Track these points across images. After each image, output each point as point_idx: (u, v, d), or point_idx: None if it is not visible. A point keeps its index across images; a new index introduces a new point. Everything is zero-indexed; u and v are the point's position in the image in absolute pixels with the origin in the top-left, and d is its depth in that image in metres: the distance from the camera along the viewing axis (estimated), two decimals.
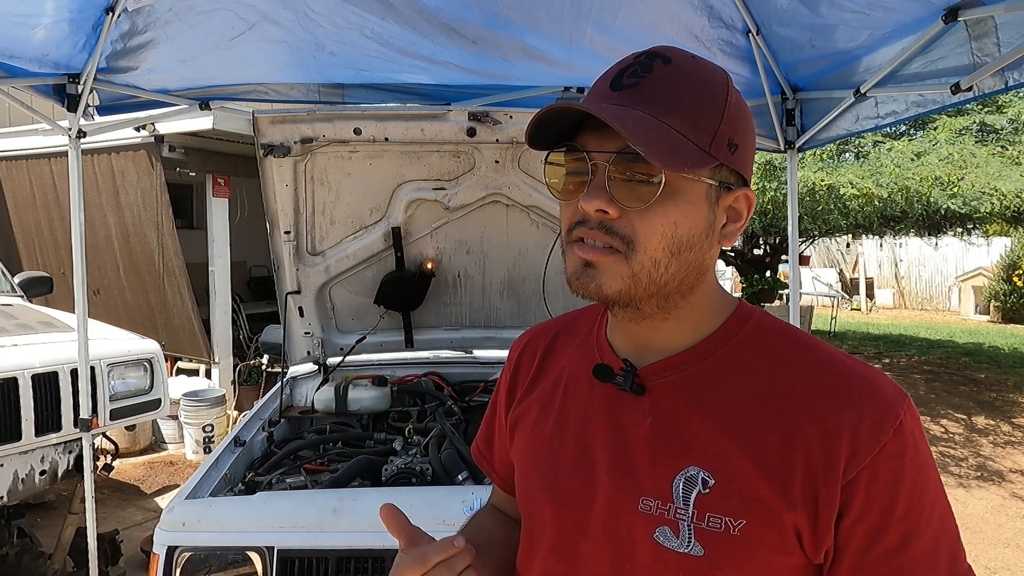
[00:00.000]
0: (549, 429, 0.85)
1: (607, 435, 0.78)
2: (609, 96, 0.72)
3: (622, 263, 0.72)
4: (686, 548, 0.70)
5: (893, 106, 2.36)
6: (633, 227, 0.71)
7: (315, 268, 2.68)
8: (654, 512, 0.72)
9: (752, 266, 9.32)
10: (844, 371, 0.73)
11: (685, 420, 0.74)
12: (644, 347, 0.80)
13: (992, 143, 6.76)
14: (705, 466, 0.71)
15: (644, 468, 0.75)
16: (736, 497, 0.70)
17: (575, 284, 0.75)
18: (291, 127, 2.36)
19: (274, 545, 1.62)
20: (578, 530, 0.78)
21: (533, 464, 0.86)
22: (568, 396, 0.85)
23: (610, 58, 0.86)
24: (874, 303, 17.57)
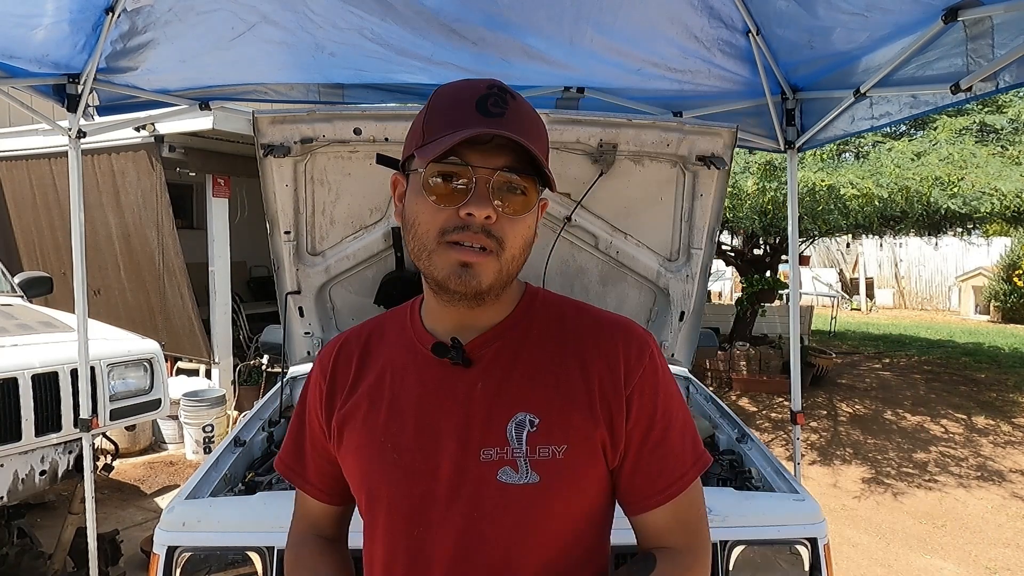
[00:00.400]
0: (383, 418, 0.94)
1: (443, 407, 0.91)
2: (482, 121, 0.84)
3: (494, 261, 0.86)
4: (526, 479, 0.87)
5: (887, 107, 2.36)
6: (504, 230, 0.86)
7: (315, 268, 2.68)
8: (495, 458, 0.88)
9: (752, 266, 9.31)
10: (610, 319, 0.98)
11: (508, 379, 0.92)
12: (464, 327, 0.94)
13: (992, 143, 6.75)
14: (530, 410, 0.89)
15: (480, 425, 0.89)
16: (557, 428, 0.89)
17: (455, 283, 0.86)
18: (291, 127, 2.36)
19: (274, 545, 1.62)
20: (428, 498, 0.89)
21: (373, 452, 0.93)
22: (397, 384, 0.95)
23: (610, 58, 0.91)
24: (874, 303, 17.56)
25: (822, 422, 7.05)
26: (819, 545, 1.70)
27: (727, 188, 2.65)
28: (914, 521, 4.72)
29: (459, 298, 0.88)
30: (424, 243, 0.87)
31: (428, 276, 0.90)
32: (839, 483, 5.42)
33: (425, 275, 0.91)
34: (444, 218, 0.85)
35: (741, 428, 2.43)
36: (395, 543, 0.92)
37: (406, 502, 0.91)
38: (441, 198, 0.85)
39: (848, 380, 8.90)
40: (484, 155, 0.84)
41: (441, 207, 0.85)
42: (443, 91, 0.91)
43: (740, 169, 6.46)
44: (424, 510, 0.90)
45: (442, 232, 0.85)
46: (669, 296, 2.78)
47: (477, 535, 0.88)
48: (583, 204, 2.62)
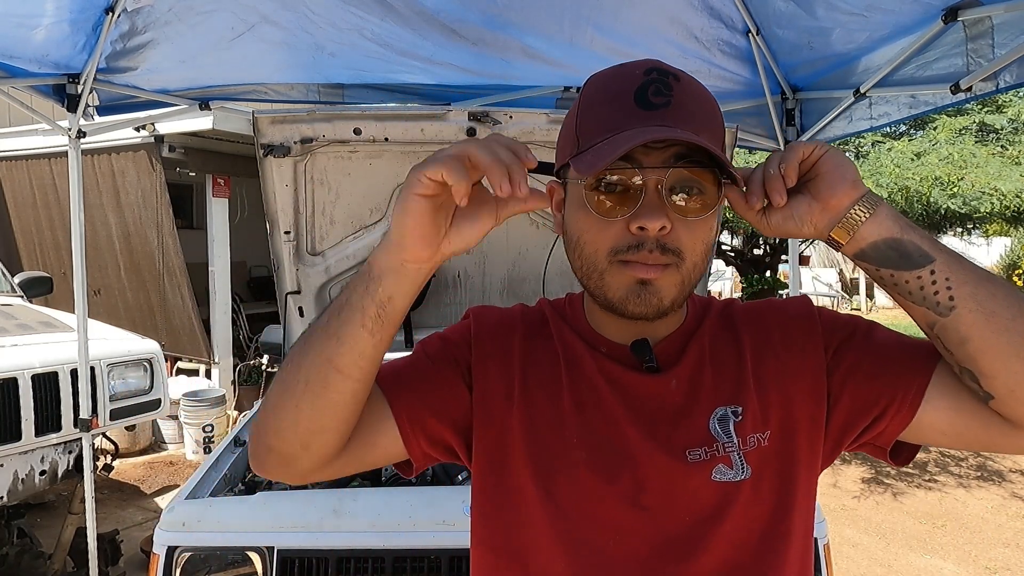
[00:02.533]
0: (565, 408, 0.82)
1: (633, 413, 0.81)
2: (644, 117, 0.73)
3: (675, 274, 0.75)
4: (742, 475, 0.79)
5: (886, 107, 2.37)
6: (681, 240, 0.74)
7: (315, 268, 2.68)
8: (704, 457, 0.79)
9: (752, 266, 9.31)
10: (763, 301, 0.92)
11: (698, 378, 0.83)
12: (639, 334, 0.84)
13: (992, 143, 6.75)
14: (728, 403, 0.81)
15: (680, 425, 0.81)
16: (758, 414, 0.81)
17: (633, 304, 0.76)
18: (291, 127, 2.36)
19: (274, 545, 1.62)
20: (630, 502, 0.79)
21: (551, 442, 0.81)
22: (575, 378, 0.84)
23: (611, 59, 0.86)
24: (874, 303, 17.57)
25: None
26: (819, 545, 1.69)
27: None
28: (914, 521, 4.72)
29: (636, 318, 0.78)
30: (593, 263, 0.77)
31: (599, 297, 0.79)
32: (839, 483, 5.42)
33: (594, 295, 0.80)
34: (614, 235, 0.75)
35: None
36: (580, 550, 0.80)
37: (606, 509, 0.79)
38: (606, 211, 0.74)
39: None
40: (652, 151, 0.73)
41: (608, 220, 0.74)
42: (594, 83, 0.81)
43: None
44: (635, 526, 0.79)
45: (613, 251, 0.75)
46: None
47: (698, 545, 0.79)
48: None
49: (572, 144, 0.79)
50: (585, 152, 0.75)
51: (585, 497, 0.80)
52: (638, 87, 0.75)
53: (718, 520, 0.79)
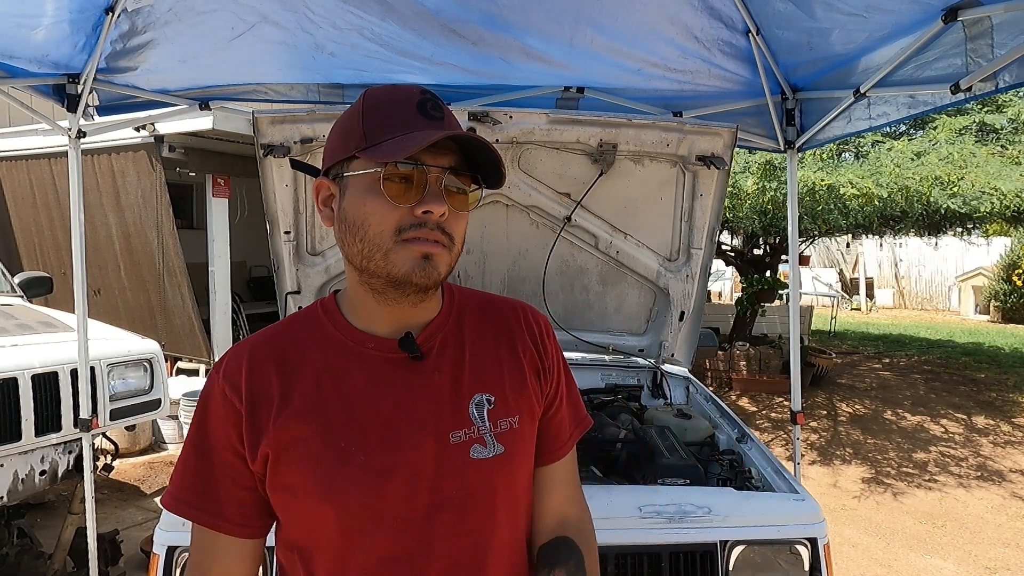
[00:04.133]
0: (337, 424, 0.91)
1: (401, 402, 0.93)
2: (427, 124, 0.89)
3: (447, 253, 0.91)
4: (493, 452, 0.95)
5: (884, 107, 2.36)
6: (453, 227, 0.91)
7: (315, 268, 2.68)
8: (464, 438, 0.94)
9: (752, 266, 9.30)
10: (516, 302, 1.10)
11: (459, 366, 0.98)
12: (403, 325, 0.96)
13: (992, 143, 6.75)
14: (484, 391, 0.97)
15: (444, 411, 0.94)
16: (510, 402, 0.98)
17: (419, 274, 0.89)
18: (291, 127, 2.36)
19: (274, 545, 1.62)
20: (411, 490, 0.91)
21: (335, 461, 0.89)
22: (342, 387, 0.93)
23: (610, 59, 0.91)
24: (874, 303, 17.56)
25: (822, 422, 7.05)
26: (819, 545, 1.70)
27: (727, 188, 2.66)
28: (914, 521, 4.72)
29: (414, 292, 0.91)
30: (377, 243, 0.88)
31: (381, 275, 0.90)
32: (839, 483, 5.42)
33: (375, 275, 0.90)
34: (399, 217, 0.88)
35: (741, 428, 2.43)
36: (381, 545, 0.90)
37: (389, 499, 0.90)
38: (397, 197, 0.87)
39: (848, 380, 8.90)
40: (434, 155, 0.88)
41: (397, 206, 0.87)
42: (376, 94, 0.93)
43: (740, 169, 6.46)
44: (412, 502, 0.91)
45: (398, 230, 0.88)
46: (669, 296, 2.79)
47: (464, 511, 0.93)
48: (583, 204, 2.62)
49: (358, 140, 0.90)
50: (379, 145, 0.88)
51: (368, 498, 0.90)
52: (418, 100, 0.91)
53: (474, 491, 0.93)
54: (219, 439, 0.93)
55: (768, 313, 9.42)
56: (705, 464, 2.23)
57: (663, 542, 1.67)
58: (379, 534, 0.90)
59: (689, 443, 2.37)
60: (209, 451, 0.94)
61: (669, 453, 2.12)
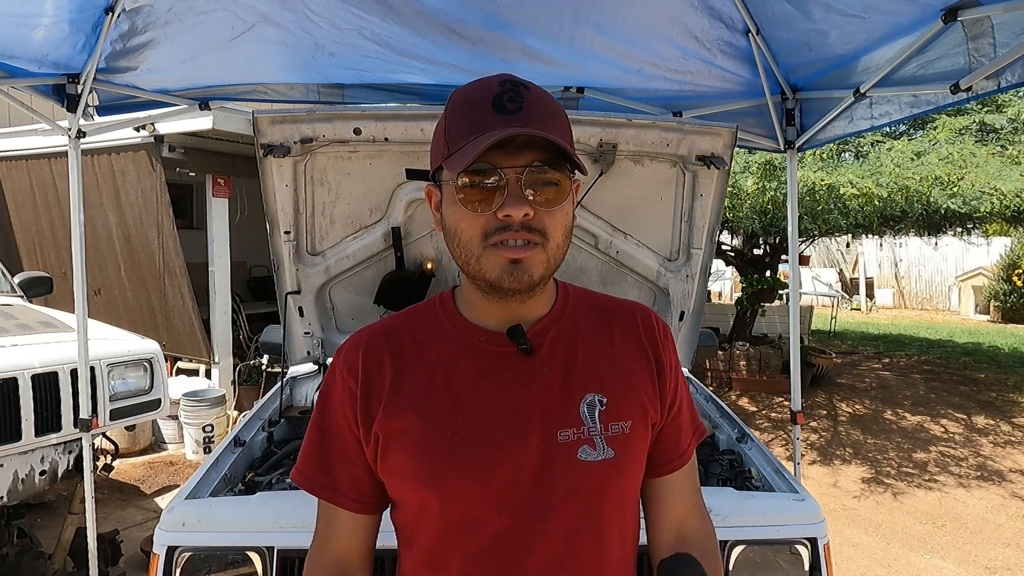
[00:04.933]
0: (445, 413, 0.93)
1: (509, 396, 0.93)
2: (501, 120, 0.86)
3: (541, 252, 0.89)
4: (603, 456, 0.93)
5: (887, 107, 2.36)
6: (544, 222, 0.88)
7: (315, 268, 2.68)
8: (572, 438, 0.92)
9: (752, 266, 9.30)
10: (635, 304, 1.08)
11: (571, 363, 0.97)
12: (514, 321, 0.96)
13: (992, 143, 6.74)
14: (597, 391, 0.95)
15: (552, 408, 0.93)
16: (623, 405, 0.96)
17: (509, 281, 0.88)
18: (291, 127, 2.36)
19: (274, 545, 1.62)
20: (514, 484, 0.91)
21: (441, 449, 0.91)
22: (452, 378, 0.95)
23: (611, 59, 0.91)
24: (874, 303, 17.56)
25: (822, 422, 7.05)
26: (819, 545, 1.70)
27: (727, 188, 2.65)
28: (914, 521, 4.72)
29: (512, 294, 0.91)
30: (470, 249, 0.89)
31: (478, 279, 0.91)
32: (839, 483, 5.42)
33: (474, 279, 0.92)
34: (484, 222, 0.87)
35: (741, 428, 2.43)
36: (481, 536, 0.91)
37: (491, 493, 0.91)
38: (476, 205, 0.87)
39: (848, 380, 8.90)
40: (510, 155, 0.86)
41: (478, 213, 0.87)
42: (457, 96, 0.93)
43: (740, 169, 6.45)
44: (513, 497, 0.91)
45: (485, 235, 0.88)
46: (669, 296, 2.78)
47: (568, 512, 0.92)
48: (583, 204, 2.62)
49: (443, 149, 0.91)
50: (455, 154, 0.88)
51: (471, 487, 0.91)
52: (494, 96, 0.88)
53: (580, 492, 0.92)
54: (337, 420, 0.98)
55: (768, 313, 9.42)
56: (705, 464, 2.23)
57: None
58: (480, 525, 0.91)
59: None
60: (328, 431, 0.99)
61: None
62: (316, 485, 1.01)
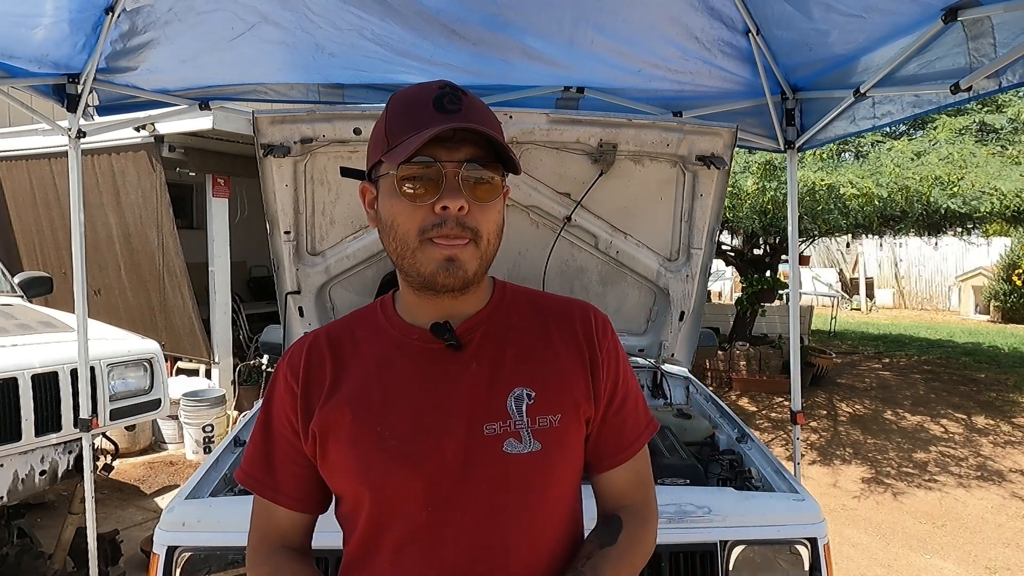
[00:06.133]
0: (376, 410, 0.96)
1: (440, 390, 0.96)
2: (442, 118, 0.89)
3: (474, 249, 0.92)
4: (529, 448, 0.94)
5: (889, 107, 2.36)
6: (477, 219, 0.91)
7: (315, 268, 2.68)
8: (498, 431, 0.94)
9: (752, 266, 9.30)
10: (575, 301, 1.08)
11: (500, 359, 0.98)
12: (447, 318, 0.98)
13: (992, 143, 6.74)
14: (525, 385, 0.97)
15: (481, 402, 0.95)
16: (552, 400, 0.97)
17: (443, 277, 0.91)
18: (291, 127, 2.36)
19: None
20: (439, 477, 0.93)
21: (371, 444, 0.94)
22: (386, 376, 0.98)
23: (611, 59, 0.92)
24: (874, 303, 17.56)
25: (822, 422, 7.05)
26: (819, 545, 1.70)
27: (727, 188, 2.66)
28: (914, 521, 4.72)
29: (446, 291, 0.93)
30: (406, 242, 0.92)
31: (413, 274, 0.94)
32: (839, 483, 5.42)
33: (408, 273, 0.95)
34: (421, 216, 0.90)
35: (741, 428, 2.43)
36: (408, 526, 0.94)
37: (417, 484, 0.93)
38: (415, 196, 0.90)
39: (848, 380, 8.90)
40: (449, 150, 0.89)
41: (416, 204, 0.90)
42: (398, 97, 0.96)
43: (740, 169, 6.45)
44: (437, 489, 0.93)
45: (421, 231, 0.90)
46: (669, 296, 2.78)
47: (492, 504, 0.94)
48: (583, 204, 2.62)
49: (382, 145, 0.94)
50: (395, 148, 0.91)
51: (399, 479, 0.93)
52: (435, 97, 0.91)
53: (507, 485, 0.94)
54: (280, 419, 1.02)
55: (768, 313, 9.42)
56: (705, 464, 2.23)
57: (663, 542, 1.66)
58: (407, 516, 0.94)
59: (689, 443, 2.37)
60: (271, 430, 1.03)
61: (669, 453, 2.12)
62: (260, 485, 1.03)
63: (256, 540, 1.05)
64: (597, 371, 1.01)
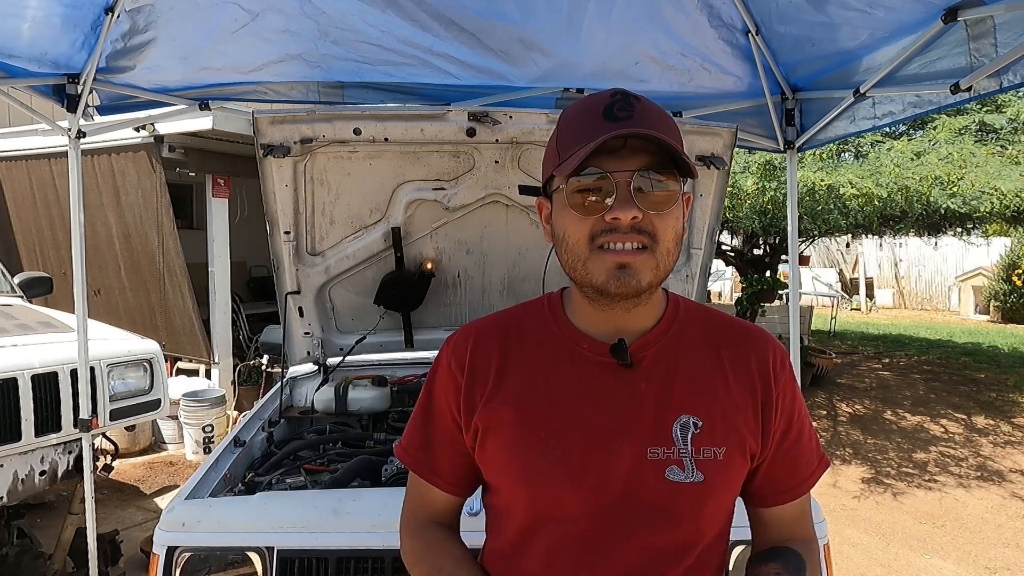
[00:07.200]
0: (543, 414, 0.95)
1: (605, 406, 0.94)
2: (611, 127, 0.87)
3: (650, 257, 0.89)
4: (691, 478, 0.92)
5: (890, 107, 2.36)
6: (653, 225, 0.88)
7: (315, 268, 2.68)
8: (662, 457, 0.93)
9: (752, 266, 9.30)
10: (752, 327, 1.05)
11: (671, 381, 0.96)
12: (619, 330, 0.97)
13: (991, 143, 6.74)
14: (692, 413, 0.94)
15: (646, 425, 0.94)
16: (718, 431, 0.94)
17: (615, 285, 0.89)
18: (291, 127, 2.36)
19: (274, 545, 1.62)
20: (600, 493, 0.93)
21: (536, 449, 0.94)
22: (553, 381, 0.97)
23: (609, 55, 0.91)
24: (874, 303, 17.56)
25: (822, 422, 7.05)
26: (819, 545, 1.69)
27: (727, 188, 2.65)
28: (914, 521, 4.72)
29: (618, 300, 0.92)
30: (577, 253, 0.91)
31: (585, 284, 0.93)
32: (839, 483, 5.42)
33: (581, 284, 0.94)
34: (591, 224, 0.89)
35: None
36: (563, 534, 0.94)
37: (578, 496, 0.93)
38: (586, 208, 0.89)
39: (848, 380, 8.90)
40: (620, 159, 0.88)
41: (587, 216, 0.89)
42: (569, 109, 0.96)
43: (740, 169, 6.45)
44: (597, 504, 0.93)
45: (592, 238, 0.89)
46: None
47: (649, 527, 0.93)
48: None
49: (554, 159, 0.94)
50: (565, 161, 0.90)
51: (559, 490, 0.94)
52: (605, 106, 0.90)
53: (666, 511, 0.93)
54: (441, 406, 1.03)
55: (768, 313, 9.41)
56: None
57: None
58: (563, 525, 0.94)
59: None
60: (432, 415, 1.05)
61: None
62: (418, 464, 1.06)
63: (409, 513, 1.10)
64: (769, 409, 0.99)
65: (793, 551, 0.98)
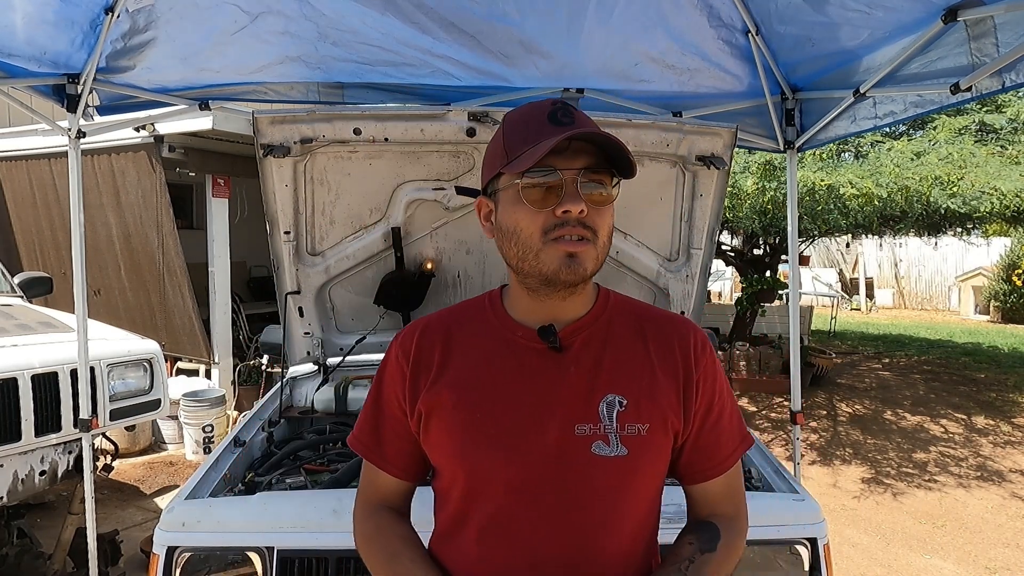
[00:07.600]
0: (479, 399, 1.04)
1: (539, 389, 1.03)
2: (557, 130, 0.97)
3: (592, 248, 0.99)
4: (616, 452, 1.01)
5: (891, 106, 2.36)
6: (595, 221, 0.99)
7: (315, 268, 2.68)
8: (588, 433, 1.01)
9: (751, 266, 9.30)
10: (676, 316, 1.17)
11: (598, 364, 1.05)
12: (553, 320, 1.06)
13: (992, 143, 6.74)
14: (618, 392, 1.03)
15: (574, 404, 1.02)
16: (643, 409, 1.03)
17: (565, 273, 0.98)
18: (291, 127, 2.36)
19: (274, 545, 1.62)
20: (531, 468, 1.01)
21: (473, 431, 1.03)
22: (491, 369, 1.06)
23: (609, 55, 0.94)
24: (874, 303, 17.56)
25: (822, 422, 7.05)
26: (819, 545, 1.70)
27: (727, 188, 2.66)
28: (914, 521, 4.72)
29: (562, 287, 1.01)
30: (530, 245, 0.99)
31: (534, 274, 1.01)
32: (839, 483, 5.42)
33: (528, 274, 1.02)
34: (543, 219, 0.98)
35: None
36: (493, 508, 1.02)
37: (508, 471, 1.01)
38: (538, 202, 0.98)
39: (848, 380, 8.90)
40: (567, 159, 0.97)
41: (539, 210, 0.98)
42: (513, 114, 1.06)
43: (740, 169, 6.45)
44: (525, 478, 1.01)
45: (544, 231, 0.98)
46: (669, 296, 2.78)
47: (574, 499, 1.01)
48: None
49: (501, 158, 1.02)
50: (515, 160, 0.99)
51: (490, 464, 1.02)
52: (549, 112, 1.00)
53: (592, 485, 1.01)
54: (389, 396, 1.12)
55: (768, 313, 9.42)
56: None
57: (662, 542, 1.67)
58: (495, 499, 1.02)
59: None
60: (382, 405, 1.13)
61: None
62: (368, 451, 1.15)
63: (362, 498, 1.17)
64: (691, 390, 1.07)
65: (710, 524, 1.08)
